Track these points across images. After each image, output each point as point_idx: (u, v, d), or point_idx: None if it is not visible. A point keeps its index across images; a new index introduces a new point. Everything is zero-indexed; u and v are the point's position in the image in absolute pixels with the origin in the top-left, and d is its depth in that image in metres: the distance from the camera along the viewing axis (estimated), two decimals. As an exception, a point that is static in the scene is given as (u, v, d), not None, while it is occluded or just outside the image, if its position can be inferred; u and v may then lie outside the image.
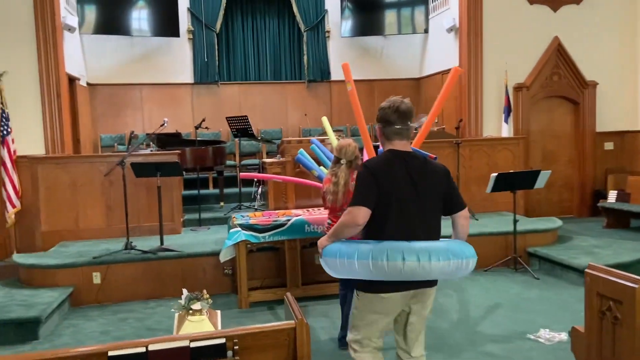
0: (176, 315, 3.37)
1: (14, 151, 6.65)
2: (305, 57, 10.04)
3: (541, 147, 8.70)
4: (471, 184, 7.13)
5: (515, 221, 5.68)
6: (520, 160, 7.42)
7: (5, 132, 6.58)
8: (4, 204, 6.50)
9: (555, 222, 6.37)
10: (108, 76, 9.21)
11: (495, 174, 5.51)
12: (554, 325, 4.15)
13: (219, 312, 3.58)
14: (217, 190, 7.68)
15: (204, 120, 6.62)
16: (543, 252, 5.72)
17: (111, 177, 5.79)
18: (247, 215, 5.03)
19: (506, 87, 8.44)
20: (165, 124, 5.54)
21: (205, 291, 3.37)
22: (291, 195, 5.34)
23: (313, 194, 5.42)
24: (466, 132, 8.61)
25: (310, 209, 5.20)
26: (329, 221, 3.74)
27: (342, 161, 3.53)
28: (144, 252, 5.15)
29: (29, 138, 6.86)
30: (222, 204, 7.47)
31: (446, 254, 2.35)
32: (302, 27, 10.02)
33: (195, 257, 5.21)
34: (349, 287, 3.75)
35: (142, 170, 5.28)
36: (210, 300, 3.21)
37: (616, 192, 7.65)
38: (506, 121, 8.48)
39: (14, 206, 6.50)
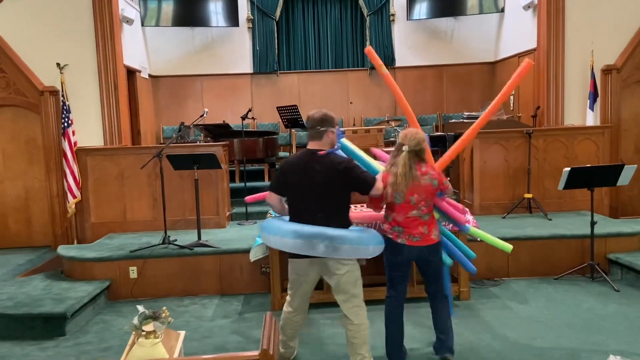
0: (132, 334, 2.97)
1: (75, 143, 6.81)
2: (368, 43, 9.53)
3: (634, 137, 7.62)
4: (544, 178, 6.33)
5: (592, 223, 4.91)
6: (606, 152, 6.49)
7: (66, 124, 6.74)
8: (65, 194, 6.70)
9: (644, 225, 5.48)
10: (170, 68, 9.28)
11: (569, 169, 4.77)
12: (631, 350, 3.45)
13: (182, 333, 3.27)
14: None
15: (250, 110, 6.39)
16: (627, 260, 4.90)
17: (157, 169, 5.70)
18: (284, 212, 4.70)
19: (592, 70, 7.45)
20: (205, 115, 5.36)
21: (165, 309, 3.02)
22: (334, 190, 4.95)
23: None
24: (544, 121, 7.73)
25: (352, 205, 4.76)
26: (396, 228, 3.31)
27: (404, 148, 3.18)
28: (181, 247, 5.00)
29: (89, 130, 6.98)
30: (274, 197, 7.23)
31: (321, 237, 2.95)
32: (365, 11, 9.52)
33: (232, 254, 4.98)
34: (439, 284, 3.45)
35: (179, 162, 5.12)
36: (169, 320, 2.89)
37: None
38: (592, 108, 7.50)
39: (74, 196, 6.64)
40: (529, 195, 6.16)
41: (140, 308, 2.93)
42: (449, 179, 6.83)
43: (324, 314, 4.34)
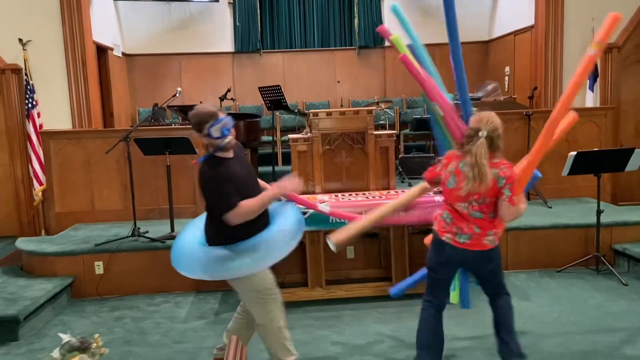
0: None
1: (40, 125, 6.30)
2: (356, 21, 9.03)
3: (634, 119, 7.29)
4: (543, 162, 5.77)
5: (599, 211, 4.56)
6: (608, 135, 6.13)
7: (30, 105, 6.22)
8: (31, 180, 6.21)
9: (651, 213, 5.15)
10: (145, 46, 8.71)
11: (574, 153, 4.39)
12: (648, 355, 3.12)
13: None
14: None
15: (229, 90, 5.92)
16: (635, 251, 4.56)
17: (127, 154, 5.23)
18: (264, 201, 4.27)
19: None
20: (178, 94, 4.88)
21: (98, 336, 2.50)
22: (319, 178, 4.51)
23: (346, 176, 4.56)
24: (542, 102, 7.36)
25: (340, 194, 4.37)
26: (444, 215, 2.82)
27: (481, 133, 2.63)
28: (152, 239, 4.56)
29: (56, 112, 6.46)
30: (256, 183, 6.79)
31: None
32: (353, -14, 9.01)
33: (209, 247, 4.54)
34: (498, 285, 2.94)
35: (149, 147, 4.65)
36: (102, 351, 2.43)
37: None
38: (591, 89, 7.13)
39: (40, 183, 6.16)
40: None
41: (65, 337, 2.40)
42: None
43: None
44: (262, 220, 2.80)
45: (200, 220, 2.95)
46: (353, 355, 3.28)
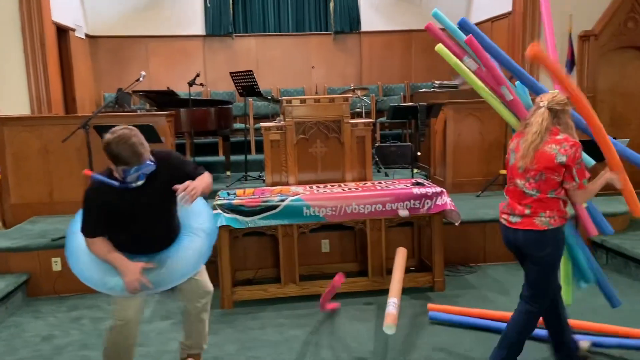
0: None
1: (-5, 112, 5.91)
2: (331, 5, 8.75)
3: (609, 108, 7.24)
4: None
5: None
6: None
7: (-17, 90, 5.83)
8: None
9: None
10: (110, 27, 8.28)
11: (555, 143, 4.27)
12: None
13: None
14: (224, 158, 6.73)
15: (198, 75, 5.60)
16: (613, 243, 4.50)
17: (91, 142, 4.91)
18: (234, 193, 4.04)
19: (570, 36, 6.99)
20: (142, 78, 4.58)
21: None
22: (293, 168, 4.30)
23: (321, 167, 4.36)
24: (518, 90, 7.27)
25: (314, 186, 4.17)
26: (505, 195, 2.76)
27: (541, 104, 2.57)
28: (114, 234, 4.28)
29: (12, 96, 6.05)
30: (228, 173, 6.54)
31: None
32: (329, -32, 8.73)
33: (176, 241, 4.29)
34: (531, 289, 2.74)
35: (109, 135, 4.34)
36: None
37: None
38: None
39: (-4, 173, 5.80)
40: (505, 172, 5.67)
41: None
42: (419, 153, 6.39)
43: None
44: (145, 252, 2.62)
45: None
46: (328, 356, 3.10)
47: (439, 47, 3.10)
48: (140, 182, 2.47)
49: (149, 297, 2.88)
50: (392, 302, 3.01)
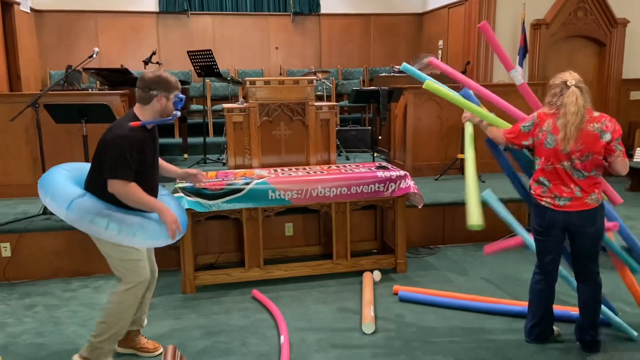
0: None
1: None
2: (291, -15, 8.64)
3: (559, 95, 7.54)
4: (477, 137, 5.93)
5: (530, 186, 4.63)
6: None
7: None
8: None
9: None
10: (57, 1, 7.84)
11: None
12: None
13: None
14: (181, 140, 6.56)
15: (154, 53, 5.42)
16: (565, 225, 4.70)
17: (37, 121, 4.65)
18: (196, 176, 3.94)
19: (523, 24, 7.19)
20: (95, 55, 4.38)
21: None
22: (256, 151, 4.23)
23: (285, 150, 4.31)
24: (474, 76, 7.42)
25: (279, 169, 4.12)
26: (541, 179, 2.76)
27: (569, 83, 2.59)
28: (68, 218, 4.09)
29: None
30: (185, 156, 6.38)
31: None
32: (288, -52, 8.57)
33: (134, 225, 4.16)
34: (590, 261, 2.84)
35: (62, 114, 4.13)
36: None
37: (645, 149, 6.56)
38: (521, 64, 7.29)
39: None
40: (462, 156, 5.81)
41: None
42: (380, 137, 6.44)
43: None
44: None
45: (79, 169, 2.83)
46: (294, 339, 3.10)
47: (427, 84, 3.22)
48: (178, 114, 2.72)
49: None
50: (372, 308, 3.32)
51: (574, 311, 3.14)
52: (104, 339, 2.69)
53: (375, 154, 5.62)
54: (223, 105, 4.47)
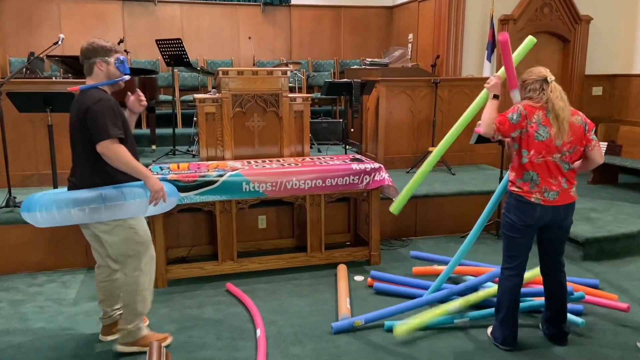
0: None
1: None
2: (261, -26, 8.51)
3: (525, 90, 7.70)
4: (448, 130, 6.07)
5: (502, 178, 4.72)
6: (508, 105, 6.38)
7: None
8: None
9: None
10: (17, -15, 7.51)
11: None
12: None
13: None
14: (148, 131, 6.40)
15: (122, 41, 5.24)
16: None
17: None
18: (168, 167, 3.86)
19: (491, 19, 7.30)
20: (60, 42, 4.22)
21: None
22: (229, 142, 4.16)
23: (258, 141, 4.26)
24: (443, 70, 7.51)
25: (252, 161, 4.07)
26: (530, 174, 2.73)
27: (549, 79, 2.67)
28: (32, 211, 3.94)
29: None
30: (153, 147, 6.22)
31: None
32: (258, -64, 8.44)
33: (102, 218, 4.04)
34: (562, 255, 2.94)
35: (25, 102, 3.95)
36: None
37: (606, 143, 6.78)
38: (489, 59, 7.40)
39: None
40: (433, 149, 5.87)
41: None
42: (352, 130, 6.44)
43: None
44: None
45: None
46: (270, 332, 3.08)
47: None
48: (126, 78, 2.77)
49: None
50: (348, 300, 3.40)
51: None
52: (136, 324, 2.77)
53: (347, 147, 5.62)
54: (194, 95, 4.39)
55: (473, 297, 3.24)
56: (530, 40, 3.02)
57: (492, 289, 3.31)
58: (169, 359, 1.44)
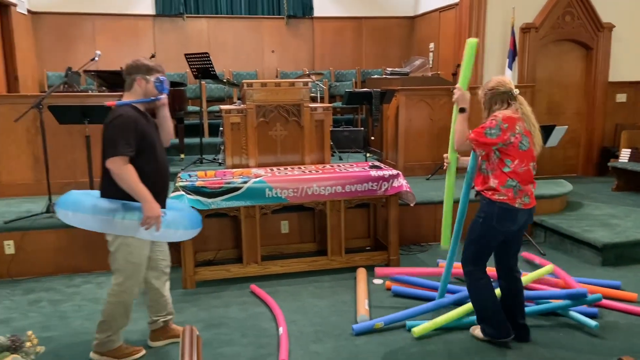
0: None
1: None
2: (284, -12, 8.77)
3: (547, 97, 7.73)
4: None
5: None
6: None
7: None
8: None
9: (564, 186, 5.52)
10: (54, 3, 7.93)
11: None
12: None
13: None
14: (177, 140, 6.66)
15: (153, 56, 5.52)
16: (551, 223, 4.87)
17: (38, 122, 4.74)
18: (195, 175, 4.08)
19: (512, 28, 7.36)
20: (97, 58, 4.49)
21: (31, 334, 2.27)
22: (253, 151, 4.36)
23: (280, 150, 4.45)
24: (464, 79, 7.58)
25: (275, 168, 4.26)
26: (513, 182, 2.83)
27: (516, 91, 2.86)
28: (70, 216, 4.20)
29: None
30: (182, 156, 6.48)
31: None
32: (282, -48, 8.71)
33: (134, 223, 4.27)
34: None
35: (65, 115, 4.24)
36: (38, 350, 2.21)
37: (629, 150, 6.76)
38: (510, 67, 7.45)
39: None
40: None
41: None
42: (372, 138, 6.59)
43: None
44: (161, 195, 2.82)
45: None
46: (291, 330, 3.24)
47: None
48: (163, 97, 2.86)
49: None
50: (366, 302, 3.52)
51: None
52: (108, 335, 2.85)
53: (368, 154, 5.76)
54: (220, 106, 4.61)
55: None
56: (469, 43, 3.15)
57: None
58: (200, 346, 1.60)
